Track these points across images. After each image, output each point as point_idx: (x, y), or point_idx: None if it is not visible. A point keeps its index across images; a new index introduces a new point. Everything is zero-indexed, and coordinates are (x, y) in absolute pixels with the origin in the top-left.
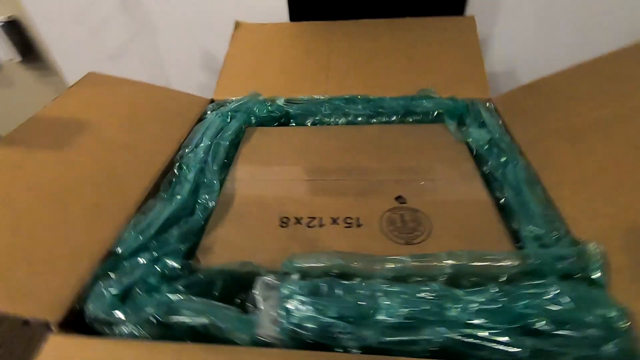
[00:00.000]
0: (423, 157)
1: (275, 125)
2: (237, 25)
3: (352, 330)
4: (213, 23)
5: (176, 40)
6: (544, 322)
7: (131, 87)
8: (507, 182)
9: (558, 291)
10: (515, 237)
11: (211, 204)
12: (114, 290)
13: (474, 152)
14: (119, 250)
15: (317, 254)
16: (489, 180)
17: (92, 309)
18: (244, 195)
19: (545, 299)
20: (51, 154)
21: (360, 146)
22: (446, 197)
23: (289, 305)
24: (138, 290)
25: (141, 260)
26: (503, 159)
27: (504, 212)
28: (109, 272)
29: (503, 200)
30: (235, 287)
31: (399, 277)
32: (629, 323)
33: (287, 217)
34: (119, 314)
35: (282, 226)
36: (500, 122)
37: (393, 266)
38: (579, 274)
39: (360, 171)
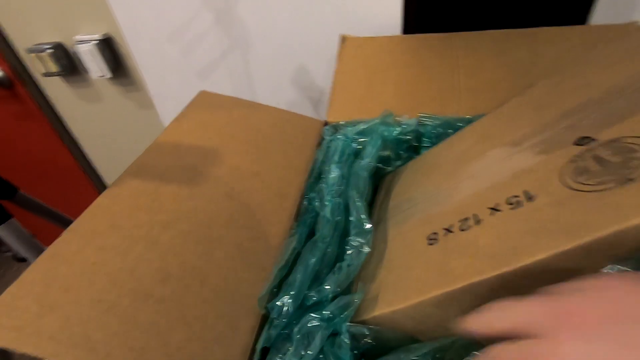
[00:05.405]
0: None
1: (406, 149)
2: (344, 39)
3: None
4: (309, 37)
5: (269, 54)
6: None
7: (246, 108)
8: None
9: None
10: None
11: (365, 249)
12: None
13: None
14: (278, 308)
15: None
16: None
17: None
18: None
19: None
20: (183, 186)
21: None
22: None
23: None
24: None
25: (313, 325)
26: None
27: None
28: (277, 344)
29: None
30: None
31: None
32: None
33: (434, 233)
34: None
35: (430, 244)
36: None
37: None
38: None
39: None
